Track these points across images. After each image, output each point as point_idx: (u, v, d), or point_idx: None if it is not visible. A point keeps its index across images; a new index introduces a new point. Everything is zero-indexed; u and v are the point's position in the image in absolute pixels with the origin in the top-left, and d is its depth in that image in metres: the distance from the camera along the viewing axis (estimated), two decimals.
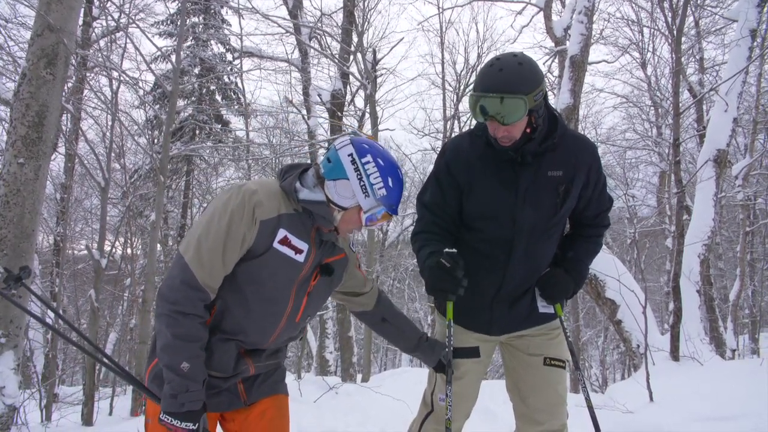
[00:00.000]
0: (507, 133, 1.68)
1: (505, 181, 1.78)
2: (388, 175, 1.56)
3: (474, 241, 1.88)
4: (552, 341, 1.94)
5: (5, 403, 3.60)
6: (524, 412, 1.94)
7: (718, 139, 6.29)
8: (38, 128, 3.96)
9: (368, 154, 1.56)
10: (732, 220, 13.74)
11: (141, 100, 8.56)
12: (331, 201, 1.58)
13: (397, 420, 3.32)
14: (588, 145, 1.88)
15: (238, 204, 1.50)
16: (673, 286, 5.52)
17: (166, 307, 1.46)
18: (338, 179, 1.55)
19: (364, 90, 7.64)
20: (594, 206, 1.92)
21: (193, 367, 1.45)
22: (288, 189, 1.58)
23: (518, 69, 1.62)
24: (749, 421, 3.31)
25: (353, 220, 1.59)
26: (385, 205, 1.56)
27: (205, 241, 1.48)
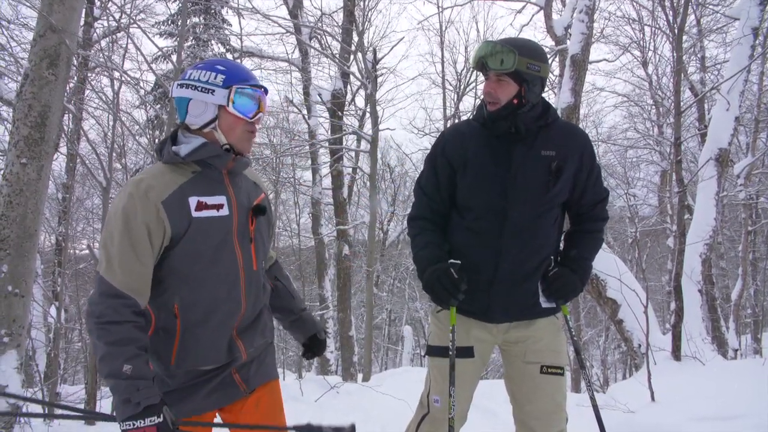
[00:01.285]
0: (493, 91, 1.81)
1: (499, 156, 1.86)
2: (214, 65, 1.55)
3: (467, 220, 1.91)
4: (550, 346, 1.92)
5: (8, 402, 3.61)
6: (521, 419, 1.95)
7: (720, 138, 6.27)
8: (41, 128, 3.97)
9: (188, 70, 1.57)
10: (734, 220, 13.72)
11: (142, 100, 8.58)
12: (202, 128, 1.55)
13: (398, 419, 3.32)
14: (580, 131, 1.99)
15: (128, 199, 1.46)
16: (675, 286, 5.51)
17: (93, 321, 1.43)
18: (187, 107, 1.53)
19: (365, 89, 7.65)
20: (590, 195, 1.95)
21: (135, 367, 1.39)
22: (170, 158, 1.54)
23: (525, 40, 1.86)
24: (751, 421, 3.31)
25: (233, 123, 1.54)
26: (236, 84, 1.52)
27: (111, 248, 1.45)
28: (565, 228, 2.08)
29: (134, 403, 1.37)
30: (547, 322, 1.95)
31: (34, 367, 7.18)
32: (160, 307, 1.52)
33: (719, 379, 4.37)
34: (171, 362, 1.53)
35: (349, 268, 9.87)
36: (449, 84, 15.18)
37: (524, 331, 1.93)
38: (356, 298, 17.09)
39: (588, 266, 1.98)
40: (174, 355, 1.53)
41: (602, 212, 2.00)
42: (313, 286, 13.88)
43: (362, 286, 16.79)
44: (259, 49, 10.00)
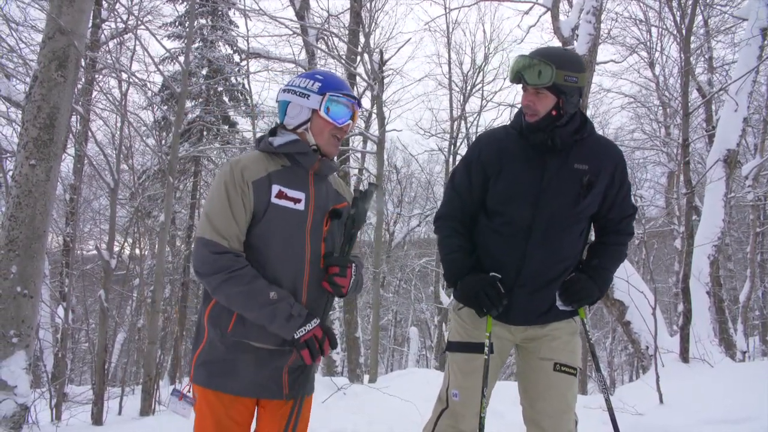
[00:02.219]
0: (531, 104, 1.82)
1: (533, 166, 1.88)
2: (315, 74, 1.78)
3: (496, 224, 1.94)
4: (566, 346, 1.93)
5: (17, 402, 3.63)
6: (531, 417, 1.95)
7: (728, 139, 6.23)
8: (49, 130, 3.99)
9: (291, 80, 1.80)
10: (742, 221, 13.61)
11: (149, 102, 8.63)
12: (297, 128, 1.75)
13: (404, 420, 3.33)
14: (615, 148, 1.99)
15: (228, 174, 1.66)
16: (683, 288, 5.48)
17: (215, 280, 1.58)
18: (287, 109, 1.75)
19: (371, 91, 7.66)
20: (618, 210, 1.96)
21: (278, 292, 1.60)
22: (266, 148, 1.74)
23: (561, 51, 1.87)
24: (760, 424, 3.28)
25: (322, 126, 1.73)
26: (330, 92, 1.71)
27: (211, 212, 1.64)
28: (591, 239, 2.11)
29: (297, 316, 1.59)
30: (564, 323, 1.96)
31: (41, 367, 7.23)
32: None
33: (728, 381, 4.34)
34: (228, 329, 1.65)
35: None
36: (456, 85, 15.17)
37: (540, 329, 1.95)
38: (362, 300, 17.09)
39: (608, 277, 1.99)
40: (232, 323, 1.64)
41: (628, 227, 2.01)
42: None
43: (368, 287, 16.79)
44: (266, 51, 10.02)
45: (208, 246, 1.60)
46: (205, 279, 1.61)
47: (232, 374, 1.65)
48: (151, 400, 4.78)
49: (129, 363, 11.31)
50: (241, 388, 1.66)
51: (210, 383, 1.66)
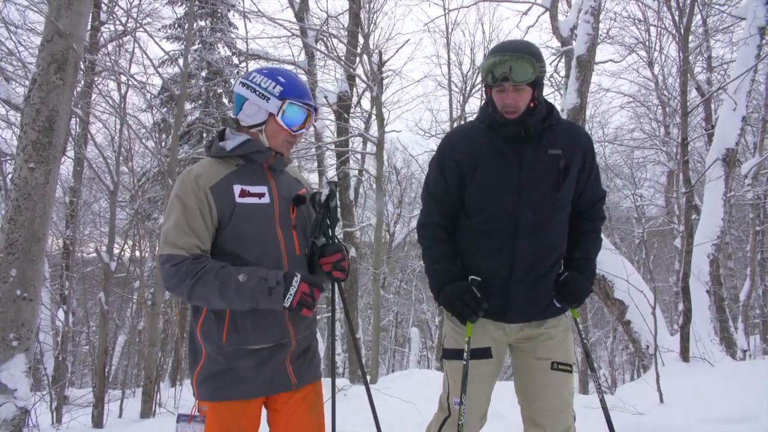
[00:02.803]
0: (513, 102, 1.80)
1: (509, 157, 1.87)
2: (277, 75, 1.71)
3: (477, 224, 1.91)
4: (561, 344, 1.93)
5: (17, 405, 3.63)
6: (530, 416, 1.95)
7: (727, 138, 6.23)
8: (48, 133, 3.99)
9: (252, 73, 1.74)
10: (742, 220, 13.60)
11: (149, 104, 8.63)
12: (250, 127, 1.72)
13: (405, 421, 3.33)
14: (582, 130, 2.02)
15: (180, 187, 1.65)
16: (683, 287, 5.48)
17: (186, 288, 1.57)
18: (243, 105, 1.71)
19: (371, 92, 7.66)
20: (589, 193, 1.97)
21: (245, 272, 1.58)
22: (217, 153, 1.72)
23: (527, 43, 1.87)
24: (761, 423, 3.28)
25: (276, 131, 1.71)
26: (290, 98, 1.68)
27: (167, 228, 1.62)
28: None
29: (276, 285, 1.57)
30: (558, 321, 1.96)
31: (42, 370, 7.23)
32: None
33: (728, 380, 4.33)
34: (223, 340, 1.64)
35: (355, 270, 9.87)
36: (455, 86, 15.19)
37: (536, 329, 1.94)
38: (363, 300, 17.08)
39: (593, 267, 2.00)
40: (225, 333, 1.64)
41: (600, 212, 2.02)
42: None
43: (369, 288, 16.78)
44: (265, 52, 10.03)
45: (168, 261, 1.58)
46: (177, 291, 1.60)
47: (239, 381, 1.65)
48: (151, 402, 4.78)
49: (129, 365, 11.30)
50: (251, 391, 1.66)
51: (218, 396, 1.64)
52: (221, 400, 1.64)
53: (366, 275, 16.00)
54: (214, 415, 1.65)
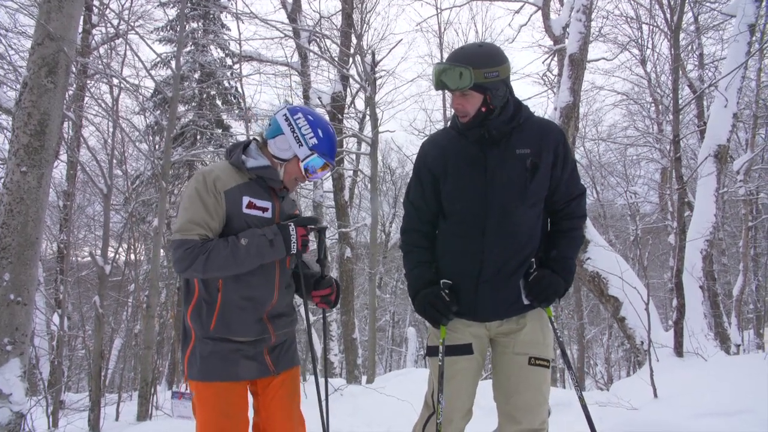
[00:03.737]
0: (460, 106, 1.86)
1: (476, 160, 1.91)
2: (318, 127, 1.90)
3: (452, 225, 1.98)
4: (539, 340, 1.95)
5: (12, 410, 3.62)
6: (506, 410, 1.96)
7: (719, 134, 6.28)
8: (40, 137, 3.97)
9: (299, 112, 1.93)
10: (734, 216, 13.70)
11: (141, 107, 8.61)
12: (274, 156, 1.92)
13: (401, 420, 3.33)
14: (554, 126, 2.00)
15: (201, 182, 1.81)
16: (676, 283, 5.52)
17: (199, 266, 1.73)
18: (276, 136, 1.90)
19: (364, 92, 7.67)
20: (564, 189, 1.96)
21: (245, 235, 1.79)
22: (237, 163, 1.90)
23: (474, 48, 1.87)
24: (754, 417, 3.31)
25: (294, 171, 1.92)
26: (318, 153, 1.89)
27: (184, 217, 1.77)
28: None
29: (274, 236, 1.80)
30: (536, 316, 1.97)
31: (37, 375, 7.19)
32: (207, 280, 1.83)
33: (722, 375, 4.37)
34: (211, 327, 1.82)
35: (351, 270, 9.88)
36: None
37: (515, 325, 1.97)
38: (359, 301, 17.08)
39: (571, 265, 1.98)
40: (214, 322, 1.82)
41: (578, 209, 2.01)
42: None
43: (365, 288, 16.78)
44: (257, 54, 10.02)
45: (181, 246, 1.74)
46: (190, 269, 1.74)
47: (224, 365, 1.83)
48: (148, 404, 4.76)
49: (126, 369, 11.26)
50: (234, 375, 1.84)
51: (206, 377, 1.81)
52: (207, 380, 1.82)
53: (362, 275, 16.01)
54: (202, 393, 1.83)
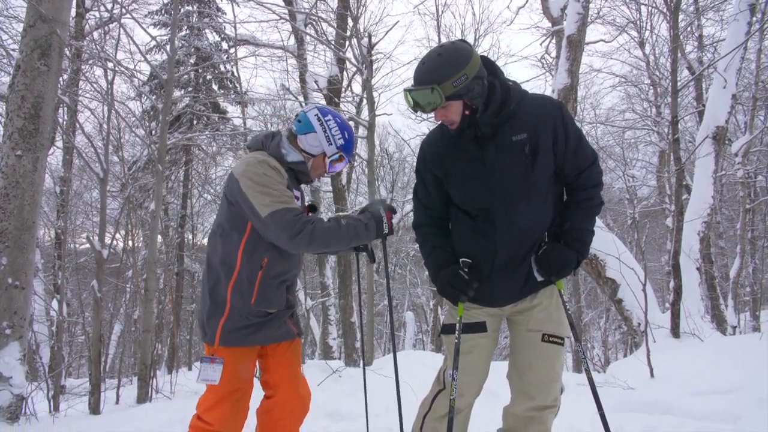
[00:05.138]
0: (444, 118, 1.86)
1: (473, 156, 1.90)
2: (345, 129, 2.17)
3: (465, 219, 1.99)
4: (552, 317, 1.95)
5: (13, 392, 3.64)
6: (519, 387, 1.98)
7: (717, 116, 6.25)
8: (35, 120, 3.94)
9: (329, 114, 2.18)
10: (732, 199, 13.72)
11: (137, 91, 8.51)
12: (304, 151, 2.15)
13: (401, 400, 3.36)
14: (549, 103, 1.93)
15: (268, 168, 2.00)
16: (673, 264, 5.54)
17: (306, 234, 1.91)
18: (308, 133, 2.14)
19: (361, 75, 7.59)
20: (572, 163, 1.91)
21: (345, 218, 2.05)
22: (276, 155, 2.10)
23: (435, 61, 1.80)
24: (748, 395, 3.35)
25: (320, 166, 2.18)
26: (342, 151, 2.15)
27: (276, 190, 1.96)
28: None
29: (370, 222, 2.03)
30: (549, 294, 1.98)
31: (38, 360, 7.23)
32: (252, 257, 2.02)
33: (717, 355, 4.41)
34: (252, 302, 2.02)
35: (349, 254, 9.88)
36: None
37: (528, 303, 1.98)
38: (357, 286, 17.08)
39: (586, 236, 1.95)
40: (254, 297, 2.03)
41: (591, 178, 1.95)
42: (314, 274, 13.92)
43: (363, 272, 16.80)
44: (253, 37, 9.89)
45: (289, 212, 1.92)
46: (299, 236, 1.91)
47: (257, 331, 2.06)
48: (147, 387, 4.80)
49: (125, 354, 11.33)
50: (266, 339, 2.09)
51: (243, 342, 2.04)
52: (245, 345, 2.05)
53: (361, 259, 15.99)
54: (232, 357, 2.01)
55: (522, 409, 1.95)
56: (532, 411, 1.93)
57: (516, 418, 1.98)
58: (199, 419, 2.04)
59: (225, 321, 2.02)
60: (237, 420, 2.06)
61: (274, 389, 2.16)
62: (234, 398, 2.03)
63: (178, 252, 13.51)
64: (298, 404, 2.18)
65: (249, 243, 2.02)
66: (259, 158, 2.03)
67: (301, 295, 9.28)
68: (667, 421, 3.34)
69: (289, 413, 2.16)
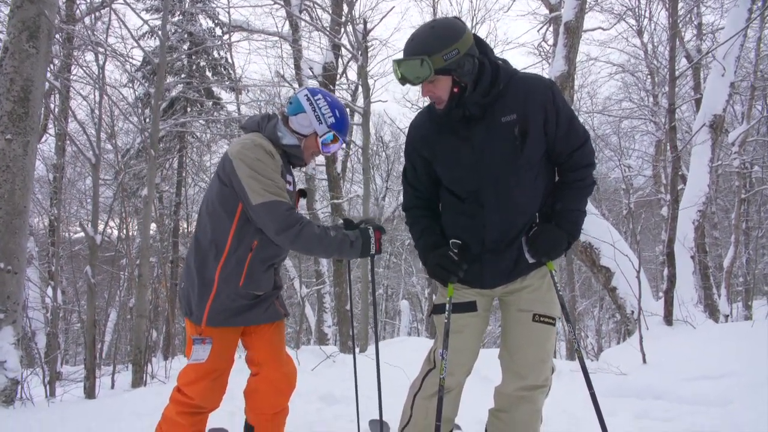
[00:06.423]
0: (431, 94, 1.81)
1: (462, 138, 1.87)
2: (335, 107, 2.11)
3: (454, 201, 1.97)
4: (543, 297, 1.95)
5: (8, 376, 3.63)
6: (510, 366, 1.98)
7: (715, 104, 6.24)
8: (24, 103, 3.89)
9: (319, 93, 2.14)
10: (728, 189, 13.76)
11: (130, 77, 8.41)
12: (295, 132, 2.11)
13: (393, 384, 3.37)
14: (539, 82, 1.88)
15: (263, 152, 1.97)
16: (668, 252, 5.56)
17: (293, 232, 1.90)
18: (298, 113, 2.10)
19: (356, 61, 7.52)
20: (563, 142, 1.88)
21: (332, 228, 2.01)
22: (272, 137, 2.08)
23: (427, 33, 1.77)
24: (740, 380, 3.37)
25: (312, 146, 2.14)
26: (334, 131, 2.10)
27: (270, 178, 1.93)
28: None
29: (356, 240, 2.01)
30: (540, 276, 1.97)
31: (34, 347, 7.21)
32: (242, 240, 2.00)
33: (709, 341, 4.43)
34: (240, 284, 2.02)
35: None
36: None
37: (519, 284, 1.97)
38: (352, 273, 17.13)
39: (575, 217, 1.93)
40: (243, 279, 2.02)
41: (582, 159, 1.92)
42: (309, 262, 13.92)
43: (358, 262, 16.81)
44: (247, 23, 9.78)
45: (282, 205, 1.91)
46: (288, 232, 1.90)
47: (245, 312, 2.06)
48: (142, 372, 4.80)
49: (121, 341, 11.34)
50: (253, 320, 2.10)
51: (228, 322, 2.04)
52: (231, 326, 2.06)
53: None
54: (217, 337, 2.03)
55: (513, 389, 1.95)
56: (522, 390, 1.93)
57: (507, 397, 1.98)
58: (179, 392, 2.07)
59: (212, 302, 2.01)
60: (215, 394, 2.09)
61: (258, 366, 2.17)
62: (213, 377, 2.05)
63: (173, 238, 13.47)
64: (284, 381, 2.18)
65: (240, 225, 2.00)
66: (255, 141, 2.00)
67: (296, 283, 9.28)
68: (659, 406, 3.36)
69: (274, 390, 2.17)
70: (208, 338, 2.00)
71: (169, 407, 2.08)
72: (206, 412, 2.10)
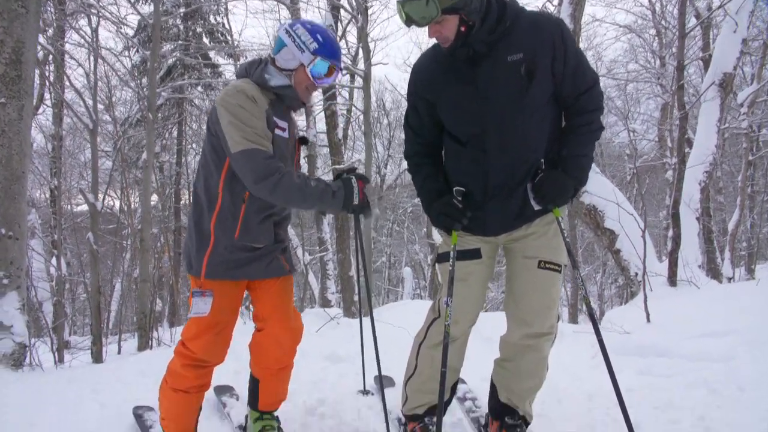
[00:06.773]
0: (438, 34, 1.76)
1: (466, 79, 1.82)
2: (316, 32, 1.97)
3: (455, 144, 1.93)
4: (549, 243, 1.92)
5: (15, 340, 3.67)
6: (515, 314, 1.96)
7: (725, 62, 6.07)
8: (16, 66, 3.81)
9: (297, 23, 2.01)
10: (734, 153, 13.59)
11: (125, 42, 8.22)
12: (282, 69, 1.99)
13: (396, 345, 3.39)
14: (547, 20, 1.83)
15: (244, 99, 1.87)
16: (673, 213, 5.51)
17: (272, 181, 1.80)
18: (281, 49, 1.99)
19: (356, 24, 7.32)
20: (570, 83, 1.82)
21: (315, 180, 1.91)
22: (259, 81, 1.97)
23: None
24: (742, 337, 3.37)
25: (303, 80, 2.00)
26: (321, 56, 1.95)
27: (249, 127, 1.84)
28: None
29: (338, 190, 1.90)
30: (546, 222, 1.93)
31: (41, 317, 7.31)
32: (234, 191, 1.94)
33: (713, 301, 4.44)
34: (235, 236, 1.97)
35: None
36: None
37: (524, 231, 1.94)
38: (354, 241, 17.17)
39: (583, 163, 1.89)
40: (238, 231, 1.97)
41: (590, 102, 1.86)
42: (311, 230, 13.94)
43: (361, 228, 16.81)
44: None
45: (259, 154, 1.82)
46: (265, 182, 1.81)
47: (245, 265, 2.01)
48: (147, 336, 4.86)
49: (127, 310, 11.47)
50: (254, 274, 2.05)
51: (228, 275, 2.00)
52: (231, 279, 2.01)
53: None
54: (217, 290, 1.99)
55: (518, 337, 1.94)
56: (528, 338, 1.92)
57: (512, 346, 1.98)
58: (183, 345, 2.05)
59: (210, 254, 1.98)
60: (218, 348, 2.06)
61: (264, 321, 2.14)
62: (215, 331, 2.01)
63: (175, 205, 13.48)
64: (289, 336, 2.15)
65: (229, 176, 1.94)
66: (238, 87, 1.91)
67: (299, 251, 9.30)
68: (662, 362, 3.38)
69: (279, 345, 2.14)
70: (208, 291, 1.97)
71: (174, 360, 2.08)
72: (210, 366, 2.08)
